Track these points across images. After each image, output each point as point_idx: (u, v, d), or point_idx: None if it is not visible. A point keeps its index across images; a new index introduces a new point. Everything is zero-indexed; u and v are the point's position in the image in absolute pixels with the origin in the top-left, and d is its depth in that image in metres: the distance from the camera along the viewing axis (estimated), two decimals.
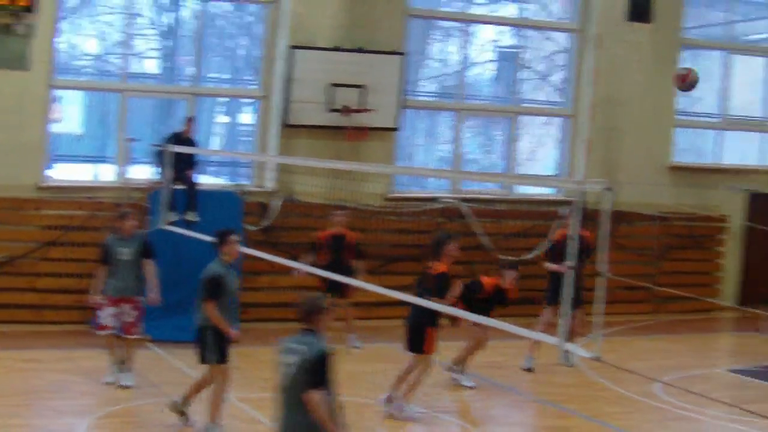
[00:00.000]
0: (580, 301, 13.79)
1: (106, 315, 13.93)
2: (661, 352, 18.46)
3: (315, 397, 8.17)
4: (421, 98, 21.25)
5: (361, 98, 19.20)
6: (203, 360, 11.97)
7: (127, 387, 13.81)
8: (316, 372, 8.24)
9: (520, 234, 20.52)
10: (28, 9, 17.31)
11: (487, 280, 14.91)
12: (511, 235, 20.43)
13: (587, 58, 21.41)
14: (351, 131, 19.12)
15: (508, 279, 14.88)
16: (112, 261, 13.93)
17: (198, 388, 12.20)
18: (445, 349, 14.31)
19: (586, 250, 13.96)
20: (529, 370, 15.94)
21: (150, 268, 14.05)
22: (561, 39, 22.14)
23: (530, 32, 21.96)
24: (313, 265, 15.55)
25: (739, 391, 16.13)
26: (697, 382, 15.69)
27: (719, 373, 17.24)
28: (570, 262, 9.43)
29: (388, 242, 19.27)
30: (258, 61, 19.74)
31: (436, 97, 21.83)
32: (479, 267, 18.30)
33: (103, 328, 14.02)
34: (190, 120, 17.98)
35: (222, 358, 11.89)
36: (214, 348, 11.82)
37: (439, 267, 13.25)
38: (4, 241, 17.45)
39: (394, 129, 19.78)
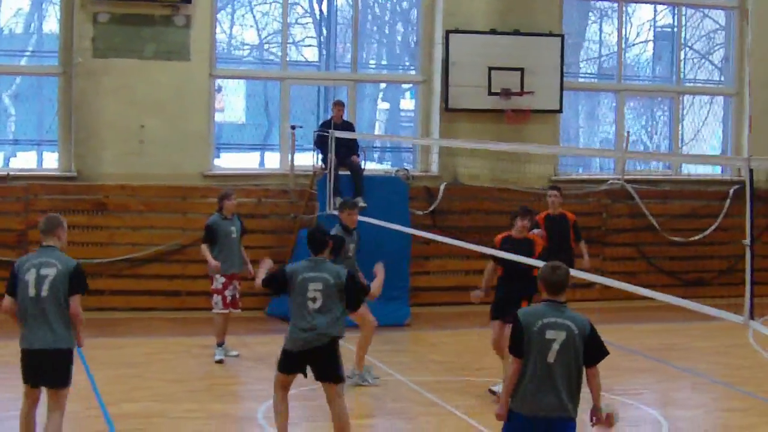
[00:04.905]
0: None
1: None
2: None
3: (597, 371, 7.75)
4: (580, 80, 20.94)
5: (521, 81, 18.99)
6: None
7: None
8: (597, 344, 7.70)
9: (688, 215, 20.06)
10: (187, 0, 17.47)
11: None
12: (679, 216, 19.98)
13: (746, 35, 20.81)
14: (511, 114, 18.91)
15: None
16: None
17: None
18: None
19: None
20: None
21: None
22: (719, 17, 21.60)
23: (689, 10, 21.42)
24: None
25: None
26: None
27: None
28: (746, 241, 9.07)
29: None
30: (415, 46, 19.65)
31: (595, 78, 21.47)
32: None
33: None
34: (336, 104, 17.79)
35: None
36: None
37: None
38: (172, 229, 17.64)
39: (556, 111, 19.50)
